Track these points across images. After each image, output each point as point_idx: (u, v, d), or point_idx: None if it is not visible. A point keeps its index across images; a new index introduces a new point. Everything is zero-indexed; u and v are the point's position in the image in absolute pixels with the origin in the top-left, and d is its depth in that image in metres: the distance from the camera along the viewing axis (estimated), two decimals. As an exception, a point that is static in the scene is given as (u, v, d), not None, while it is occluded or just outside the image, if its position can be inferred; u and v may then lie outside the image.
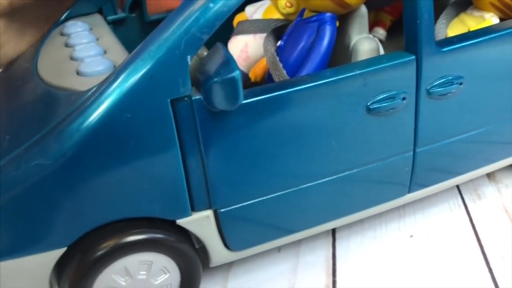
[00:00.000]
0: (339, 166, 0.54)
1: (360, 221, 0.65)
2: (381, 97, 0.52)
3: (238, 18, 0.74)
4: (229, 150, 0.48)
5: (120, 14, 0.72)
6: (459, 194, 0.71)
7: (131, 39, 0.72)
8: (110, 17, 0.71)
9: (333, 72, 0.50)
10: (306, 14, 0.58)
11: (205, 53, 0.50)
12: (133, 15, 0.73)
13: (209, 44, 0.47)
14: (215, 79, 0.42)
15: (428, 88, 0.54)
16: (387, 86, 0.52)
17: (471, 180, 0.69)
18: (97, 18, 0.68)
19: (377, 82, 0.51)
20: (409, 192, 0.60)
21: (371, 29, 0.84)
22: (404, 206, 0.68)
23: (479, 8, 0.67)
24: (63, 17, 0.68)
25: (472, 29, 0.65)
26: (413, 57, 0.52)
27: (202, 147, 0.47)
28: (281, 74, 0.57)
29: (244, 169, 0.49)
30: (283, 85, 0.48)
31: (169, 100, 0.44)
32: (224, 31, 0.64)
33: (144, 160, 0.45)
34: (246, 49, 0.69)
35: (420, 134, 0.56)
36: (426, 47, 0.52)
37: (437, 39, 0.69)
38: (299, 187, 0.53)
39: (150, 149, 0.45)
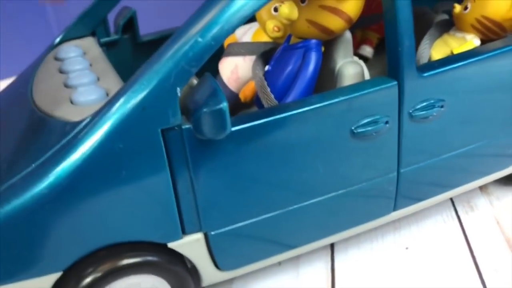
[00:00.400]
0: (325, 188, 0.55)
1: (357, 234, 0.67)
2: (365, 121, 0.54)
3: (228, 40, 0.75)
4: (219, 175, 0.49)
5: (113, 36, 0.73)
6: (452, 206, 0.73)
7: (124, 60, 0.75)
8: (103, 40, 0.73)
9: (318, 98, 0.52)
10: (293, 39, 0.60)
11: (195, 82, 0.52)
12: (126, 36, 0.75)
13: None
14: (204, 110, 0.44)
15: (410, 111, 0.56)
16: (371, 110, 0.54)
17: (464, 192, 0.71)
18: (90, 41, 0.69)
19: (361, 107, 0.53)
20: (394, 209, 0.62)
21: (358, 46, 0.87)
22: (399, 219, 0.70)
23: (461, 30, 0.69)
24: (57, 40, 0.70)
25: (454, 49, 0.68)
26: (395, 82, 0.54)
27: (192, 173, 0.48)
28: (269, 98, 0.59)
29: (233, 193, 0.51)
30: (269, 112, 0.50)
31: (159, 130, 0.45)
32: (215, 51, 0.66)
33: (136, 188, 0.47)
34: (236, 70, 0.71)
35: (403, 156, 0.58)
36: (408, 73, 0.54)
37: (421, 59, 0.72)
38: (287, 209, 0.54)
39: (142, 177, 0.46)
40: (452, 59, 0.57)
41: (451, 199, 0.74)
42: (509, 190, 0.74)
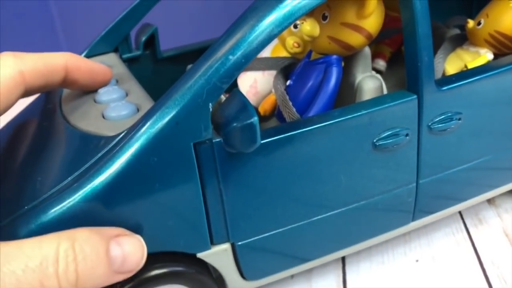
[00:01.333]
0: (347, 198, 0.57)
1: (368, 247, 0.68)
2: (386, 134, 0.55)
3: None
4: (247, 187, 0.51)
5: (135, 52, 0.76)
6: (461, 219, 0.74)
7: (145, 75, 0.77)
8: (126, 55, 0.75)
9: (340, 112, 0.54)
10: (314, 55, 0.62)
11: (223, 97, 0.54)
12: (147, 52, 0.77)
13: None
14: (235, 124, 0.46)
15: (429, 124, 0.57)
16: (391, 123, 0.56)
17: (473, 205, 0.72)
18: (114, 58, 0.72)
19: (382, 121, 0.55)
20: (413, 220, 0.64)
21: (372, 60, 0.88)
22: (409, 232, 0.71)
23: (475, 44, 0.71)
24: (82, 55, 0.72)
25: (468, 63, 0.70)
26: (415, 96, 0.56)
27: (221, 185, 0.50)
28: (291, 112, 0.61)
29: (260, 204, 0.53)
30: (295, 125, 0.52)
31: (192, 144, 0.47)
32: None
33: (168, 199, 0.48)
34: (255, 84, 0.73)
35: (422, 167, 0.60)
36: (427, 87, 0.56)
37: (435, 73, 0.74)
38: (311, 219, 0.56)
39: (174, 189, 0.48)
40: (468, 73, 0.59)
41: (460, 213, 0.75)
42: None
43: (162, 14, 0.86)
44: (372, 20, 0.57)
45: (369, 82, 0.60)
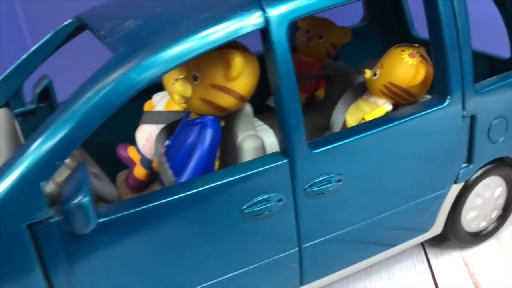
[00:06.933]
0: (219, 270, 0.54)
1: (330, 283, 0.67)
2: (256, 200, 0.53)
3: (147, 105, 0.75)
4: (96, 266, 0.48)
5: (29, 106, 0.73)
6: (422, 250, 0.75)
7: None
8: (18, 110, 0.72)
9: (204, 180, 0.51)
10: (193, 114, 0.60)
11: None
12: (43, 105, 0.75)
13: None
14: (67, 205, 0.43)
15: (305, 188, 0.55)
16: (262, 189, 0.53)
17: (436, 235, 0.72)
18: (2, 113, 0.69)
19: (251, 186, 0.52)
20: (301, 284, 0.60)
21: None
22: (371, 266, 0.70)
23: (373, 95, 0.69)
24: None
25: (366, 115, 0.68)
26: (286, 160, 0.53)
27: (67, 268, 0.47)
28: (167, 174, 0.58)
29: (113, 285, 0.49)
30: (148, 199, 0.49)
31: (24, 226, 0.44)
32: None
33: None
34: (150, 138, 0.70)
35: (303, 232, 0.57)
36: (298, 150, 0.53)
37: (335, 125, 0.72)
38: (178, 295, 0.53)
39: (13, 276, 0.45)
40: (346, 133, 0.56)
41: (422, 243, 0.75)
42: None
43: (60, 65, 0.84)
44: (242, 81, 0.54)
45: (249, 142, 0.58)
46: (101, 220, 0.46)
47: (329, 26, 0.84)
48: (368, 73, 0.68)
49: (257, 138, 0.58)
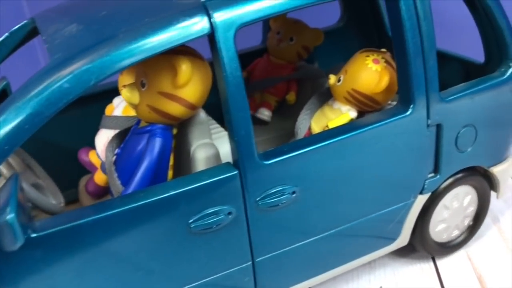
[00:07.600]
0: (165, 286, 0.52)
1: (334, 277, 0.66)
2: (203, 214, 0.50)
3: (108, 108, 0.73)
4: (28, 286, 0.45)
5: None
6: None
7: None
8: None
9: (146, 193, 0.49)
10: (142, 122, 0.57)
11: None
12: (1, 108, 0.72)
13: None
14: (-8, 220, 0.41)
15: (257, 200, 0.52)
16: (210, 202, 0.50)
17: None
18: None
19: (198, 199, 0.50)
20: (257, 299, 0.58)
21: (257, 110, 0.84)
22: (375, 260, 0.71)
23: (337, 101, 0.67)
24: None
25: (330, 122, 0.65)
26: (236, 172, 0.51)
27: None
28: (115, 184, 0.56)
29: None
30: (85, 213, 0.46)
31: (-52, 242, 0.42)
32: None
33: None
34: (109, 143, 0.68)
35: (256, 245, 0.54)
36: (248, 161, 0.51)
37: (298, 131, 0.69)
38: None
39: None
40: (301, 143, 0.54)
41: None
42: (483, 226, 0.73)
43: (18, 66, 0.81)
44: (190, 89, 0.52)
45: (202, 151, 0.55)
46: (33, 235, 0.44)
47: (300, 28, 0.82)
48: (332, 78, 0.65)
49: (211, 147, 0.56)
